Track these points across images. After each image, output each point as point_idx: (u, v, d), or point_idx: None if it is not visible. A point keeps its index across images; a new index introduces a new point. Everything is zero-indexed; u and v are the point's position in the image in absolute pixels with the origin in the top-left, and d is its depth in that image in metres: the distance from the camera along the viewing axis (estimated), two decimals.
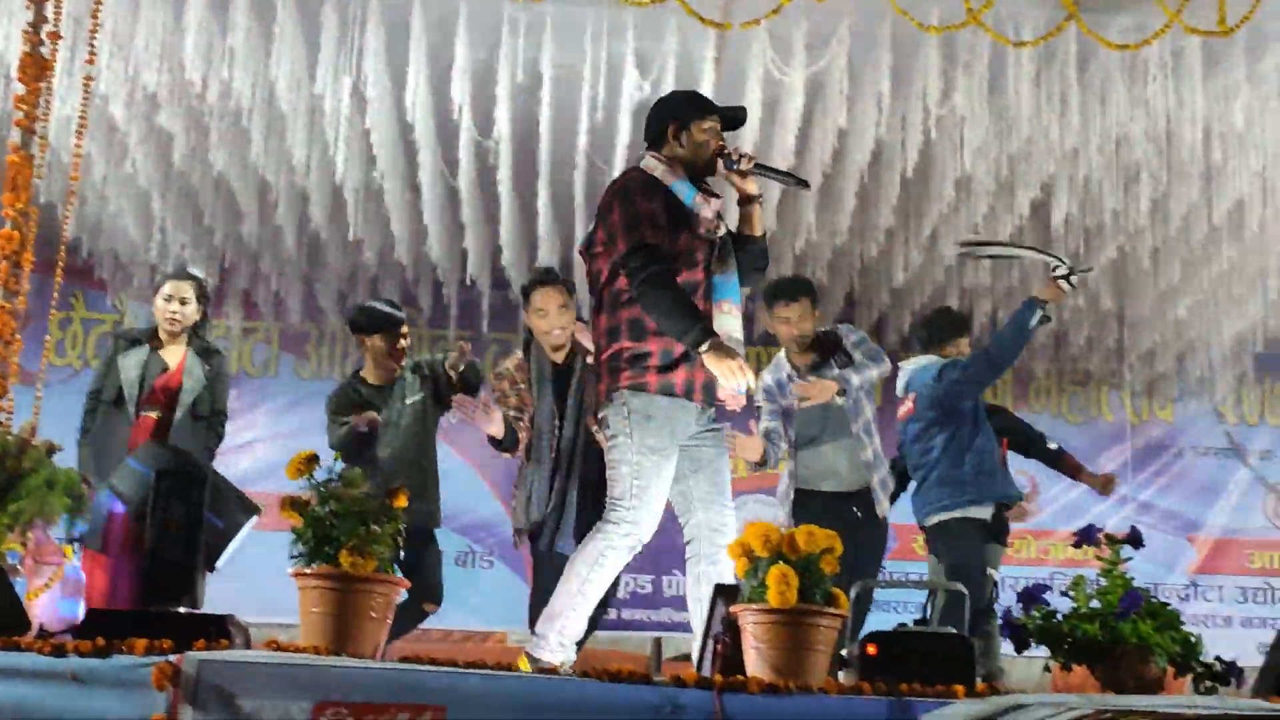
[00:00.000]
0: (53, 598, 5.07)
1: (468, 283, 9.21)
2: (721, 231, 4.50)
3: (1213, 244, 8.02)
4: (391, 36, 6.76)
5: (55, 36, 5.32)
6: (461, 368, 6.09)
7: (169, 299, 6.13)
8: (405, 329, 6.24)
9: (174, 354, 6.13)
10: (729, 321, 4.34)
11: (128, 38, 6.62)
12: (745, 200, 4.53)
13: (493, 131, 7.13)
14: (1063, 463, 6.81)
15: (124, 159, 7.61)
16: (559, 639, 4.37)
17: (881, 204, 7.78)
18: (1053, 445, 6.95)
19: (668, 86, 6.78)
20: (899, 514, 6.39)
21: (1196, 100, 6.73)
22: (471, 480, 10.02)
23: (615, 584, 5.68)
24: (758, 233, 4.55)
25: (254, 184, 8.05)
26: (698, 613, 4.27)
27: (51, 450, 5.03)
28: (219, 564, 3.64)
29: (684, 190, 4.43)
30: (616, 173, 7.49)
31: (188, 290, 6.17)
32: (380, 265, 9.23)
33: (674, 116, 4.55)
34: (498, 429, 5.56)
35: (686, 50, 6.72)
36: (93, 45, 5.61)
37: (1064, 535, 9.48)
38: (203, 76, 6.74)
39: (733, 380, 4.15)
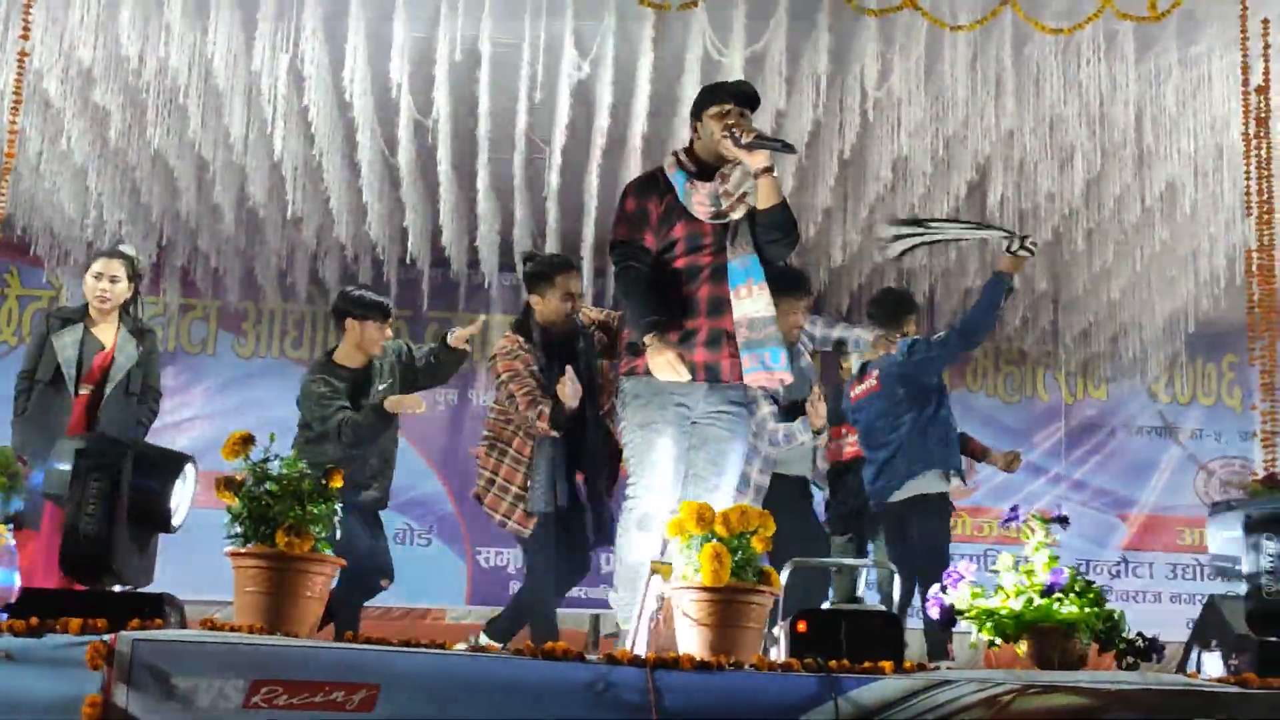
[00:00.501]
0: None
1: (408, 261, 9.17)
2: (737, 214, 4.58)
3: (1145, 225, 8.12)
4: (329, 14, 6.72)
5: None
6: (465, 345, 6.27)
7: (99, 277, 6.09)
8: (392, 321, 6.32)
9: (107, 332, 6.09)
10: (746, 305, 4.48)
11: (62, 12, 6.53)
12: (757, 174, 4.57)
13: (432, 110, 7.11)
14: (968, 447, 6.89)
15: (60, 135, 7.51)
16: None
17: (819, 184, 7.81)
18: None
19: (606, 66, 6.80)
20: None
21: (1129, 83, 6.81)
22: (410, 458, 10.00)
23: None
24: (762, 205, 4.54)
25: (192, 161, 7.97)
26: None
27: None
28: (176, 523, 3.62)
29: (678, 180, 4.63)
30: (557, 152, 7.54)
31: (118, 268, 6.13)
32: (320, 243, 9.18)
33: (692, 113, 4.80)
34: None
35: (625, 30, 6.72)
36: (26, 20, 5.55)
37: (998, 513, 9.61)
38: (139, 53, 6.68)
39: (664, 374, 4.40)
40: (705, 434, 4.58)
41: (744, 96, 4.70)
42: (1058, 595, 3.52)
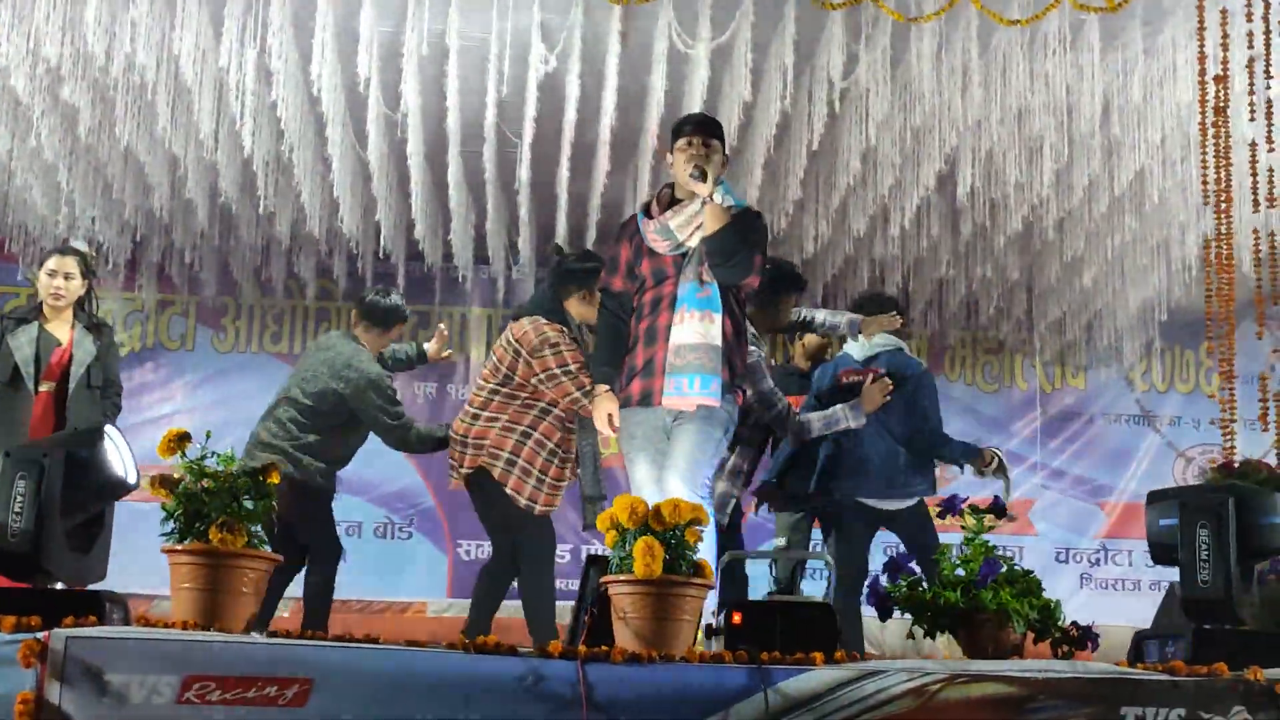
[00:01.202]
0: None
1: (382, 255, 9.20)
2: (694, 242, 4.74)
3: (1115, 214, 8.16)
4: (297, 8, 6.72)
5: None
6: (446, 353, 6.68)
7: (52, 274, 6.12)
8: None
9: (62, 329, 6.12)
10: (675, 333, 4.65)
11: (28, 9, 6.54)
12: (704, 203, 4.76)
13: (400, 104, 7.12)
14: None
15: (29, 132, 7.52)
16: None
17: (789, 176, 7.83)
18: None
19: (573, 60, 6.81)
20: None
21: (1095, 74, 6.83)
22: (388, 452, 10.00)
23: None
24: (705, 232, 4.69)
25: (163, 157, 7.98)
26: None
27: None
28: (131, 481, 3.65)
29: (640, 217, 4.90)
30: (526, 146, 7.56)
31: (71, 265, 6.17)
32: (294, 238, 9.19)
33: (668, 148, 4.99)
34: None
35: (592, 23, 6.73)
36: None
37: (980, 502, 9.64)
38: (105, 49, 6.68)
39: (599, 424, 4.81)
40: (669, 448, 4.73)
41: (701, 126, 4.90)
42: (992, 585, 3.55)
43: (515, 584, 5.95)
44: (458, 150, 7.83)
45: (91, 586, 3.59)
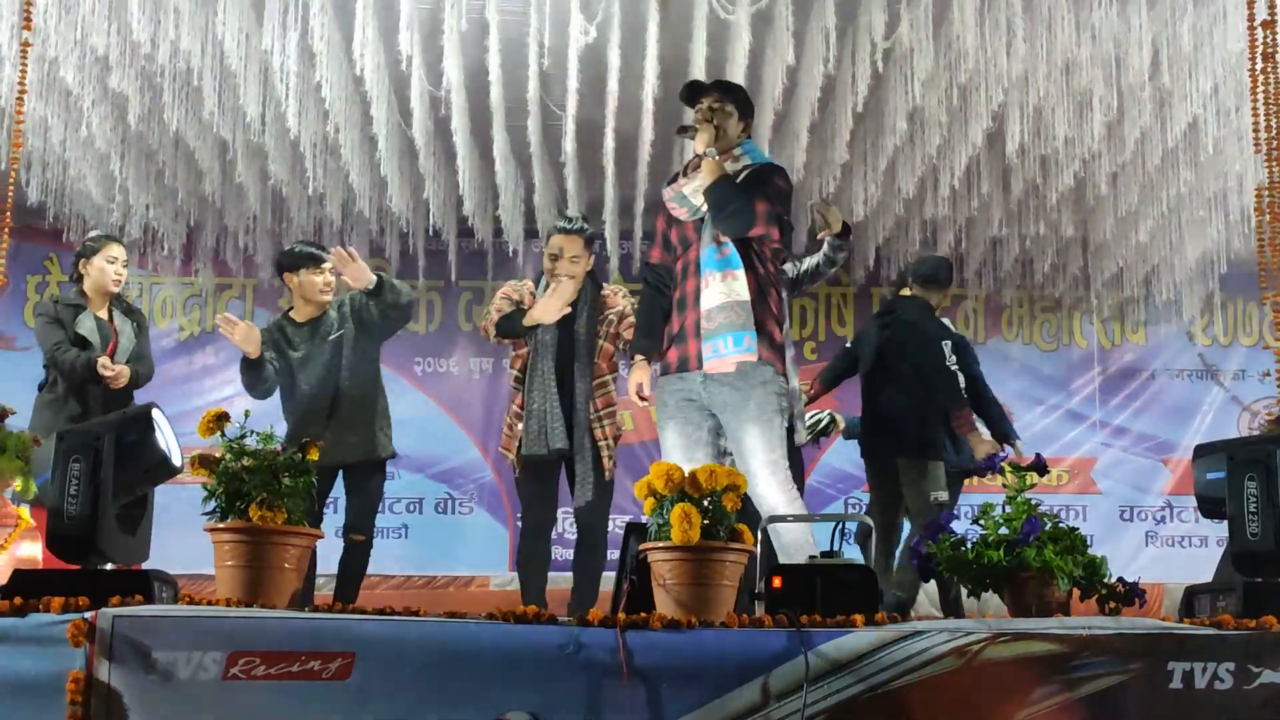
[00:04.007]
0: (11, 555, 5.19)
1: (432, 232, 9.24)
2: (699, 202, 4.73)
3: (1169, 166, 8.00)
4: None
5: None
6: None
7: (113, 261, 6.20)
8: (327, 266, 6.15)
9: (105, 315, 6.22)
10: (704, 298, 4.63)
11: (74, 1, 6.62)
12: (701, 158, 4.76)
13: (443, 81, 7.14)
14: None
15: (81, 122, 7.62)
16: None
17: (835, 139, 7.78)
18: None
19: (613, 30, 6.79)
20: None
21: (1143, 23, 6.72)
22: (448, 428, 10.14)
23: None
24: (704, 187, 4.66)
25: (212, 142, 8.07)
26: None
27: (3, 414, 5.14)
28: (176, 463, 3.69)
29: (665, 187, 4.91)
30: (570, 118, 7.55)
31: (124, 252, 6.29)
32: (344, 218, 9.26)
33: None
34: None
35: None
36: (28, 10, 5.63)
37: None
38: (151, 37, 6.75)
39: (630, 395, 4.87)
40: (720, 417, 4.70)
41: (710, 88, 4.90)
42: (1035, 542, 3.52)
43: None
44: (503, 124, 7.84)
45: (138, 566, 3.65)
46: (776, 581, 3.44)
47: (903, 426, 6.55)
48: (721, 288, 4.58)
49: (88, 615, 3.10)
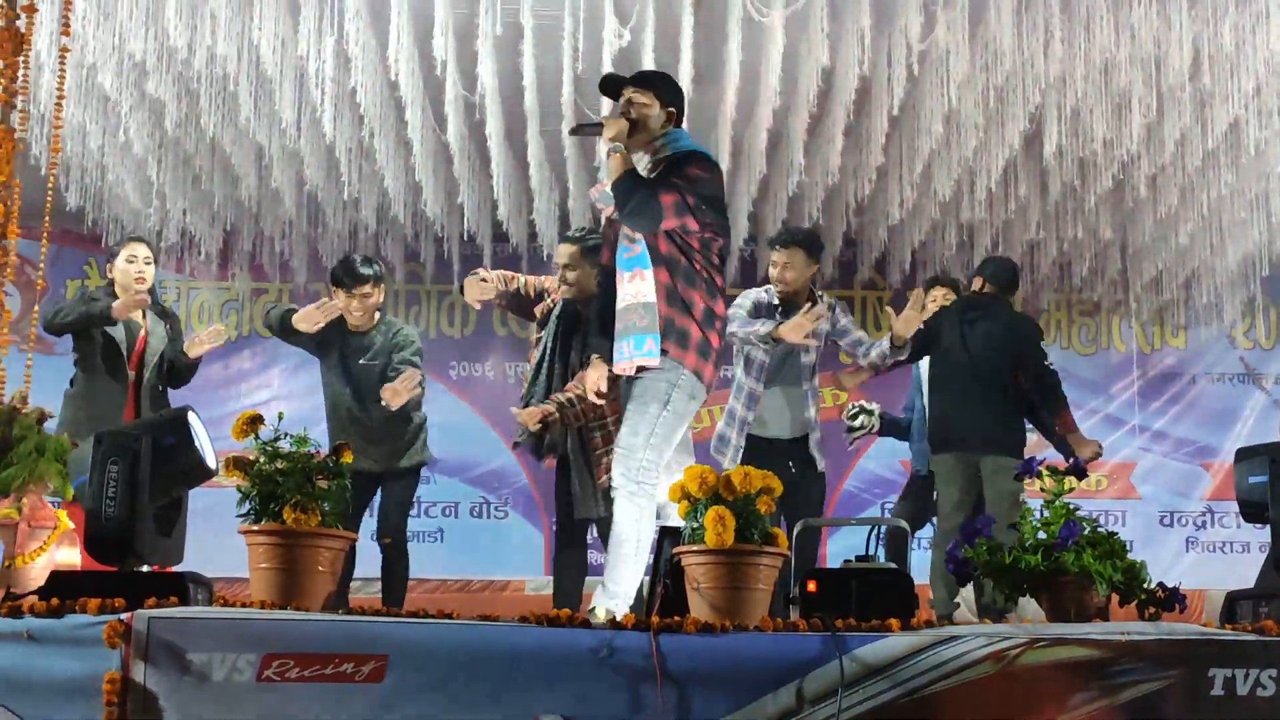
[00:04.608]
0: (50, 557, 5.21)
1: (467, 237, 9.26)
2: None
3: (1210, 168, 7.93)
4: None
5: (30, 10, 5.39)
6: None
7: (132, 260, 6.21)
8: (366, 289, 6.17)
9: (137, 317, 6.23)
10: (626, 290, 4.47)
11: (112, 6, 6.67)
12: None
13: (478, 86, 7.16)
14: None
15: (119, 128, 7.68)
16: None
17: (871, 142, 7.76)
18: None
19: (647, 34, 6.78)
20: None
21: (1183, 23, 6.66)
22: (483, 432, 10.14)
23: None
24: (611, 179, 4.49)
25: (248, 147, 8.12)
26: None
27: (42, 418, 5.16)
28: (212, 465, 3.71)
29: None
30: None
31: (147, 251, 6.30)
32: (379, 223, 9.29)
33: None
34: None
35: None
36: (67, 17, 5.66)
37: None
38: (188, 42, 6.80)
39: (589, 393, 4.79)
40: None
41: (629, 80, 4.67)
42: (1073, 547, 3.48)
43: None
44: (537, 129, 7.85)
45: (173, 568, 3.66)
46: (811, 585, 3.42)
47: (996, 423, 6.42)
48: (629, 288, 4.44)
49: (124, 617, 3.11)
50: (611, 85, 4.67)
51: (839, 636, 3.17)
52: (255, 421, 3.46)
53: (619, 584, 4.24)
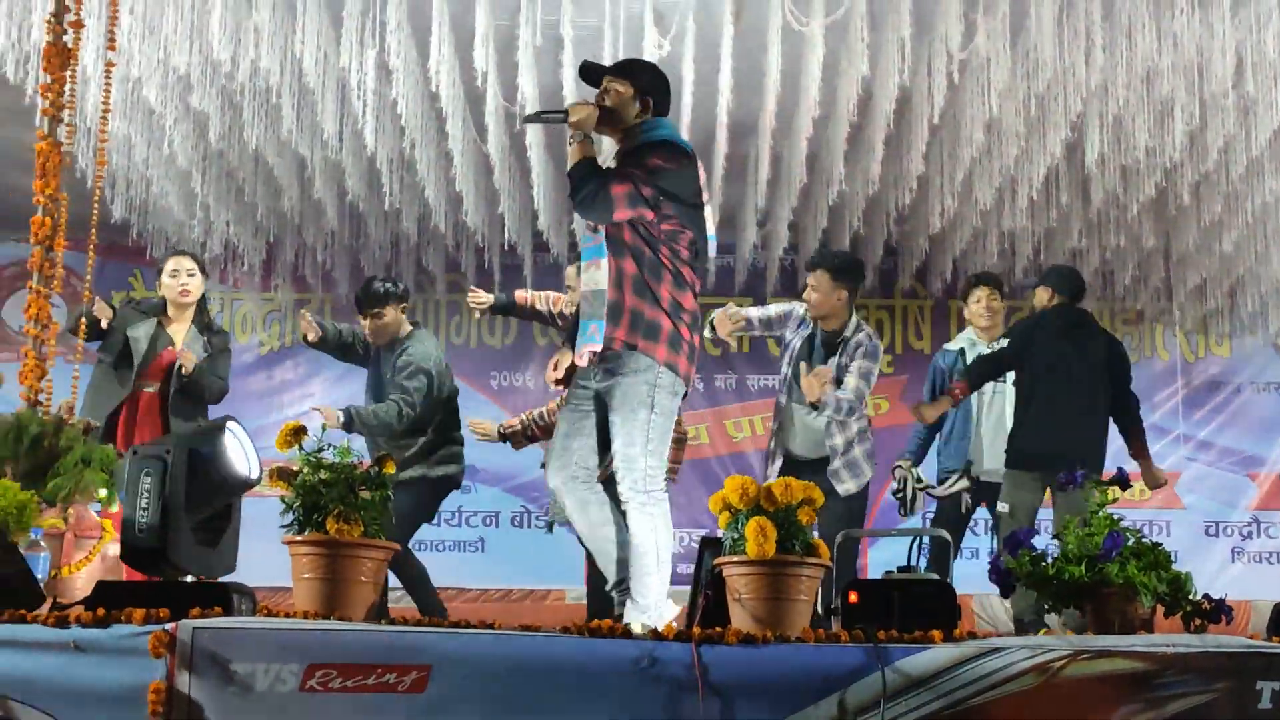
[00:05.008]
0: (95, 568, 5.26)
1: (507, 247, 9.29)
2: None
3: (1254, 175, 7.87)
4: (413, 6, 6.83)
5: (78, 25, 5.46)
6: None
7: (175, 274, 6.29)
8: (377, 309, 6.47)
9: (179, 332, 6.28)
10: (585, 279, 4.48)
11: (157, 21, 6.74)
12: None
13: (518, 96, 7.18)
14: None
15: (163, 140, 7.76)
16: None
17: (911, 151, 7.74)
18: None
19: (688, 44, 6.79)
20: None
21: (1227, 31, 6.60)
22: None
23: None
24: (568, 166, 4.48)
25: (290, 159, 8.18)
26: None
27: (88, 429, 5.22)
28: (254, 476, 3.73)
29: None
30: None
31: (191, 264, 6.38)
32: (421, 233, 9.34)
33: None
34: None
35: (705, 5, 6.72)
36: (113, 32, 5.73)
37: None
38: (231, 56, 6.86)
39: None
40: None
41: (591, 73, 4.67)
42: (1117, 558, 3.45)
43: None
44: None
45: (223, 578, 3.69)
46: (853, 596, 3.41)
47: (1091, 447, 6.27)
48: (587, 276, 4.42)
49: (168, 626, 3.14)
50: (592, 73, 4.64)
51: (881, 648, 3.16)
52: (299, 432, 3.49)
53: (647, 596, 4.23)
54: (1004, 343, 6.62)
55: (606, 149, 4.79)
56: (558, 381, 4.67)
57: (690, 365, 4.43)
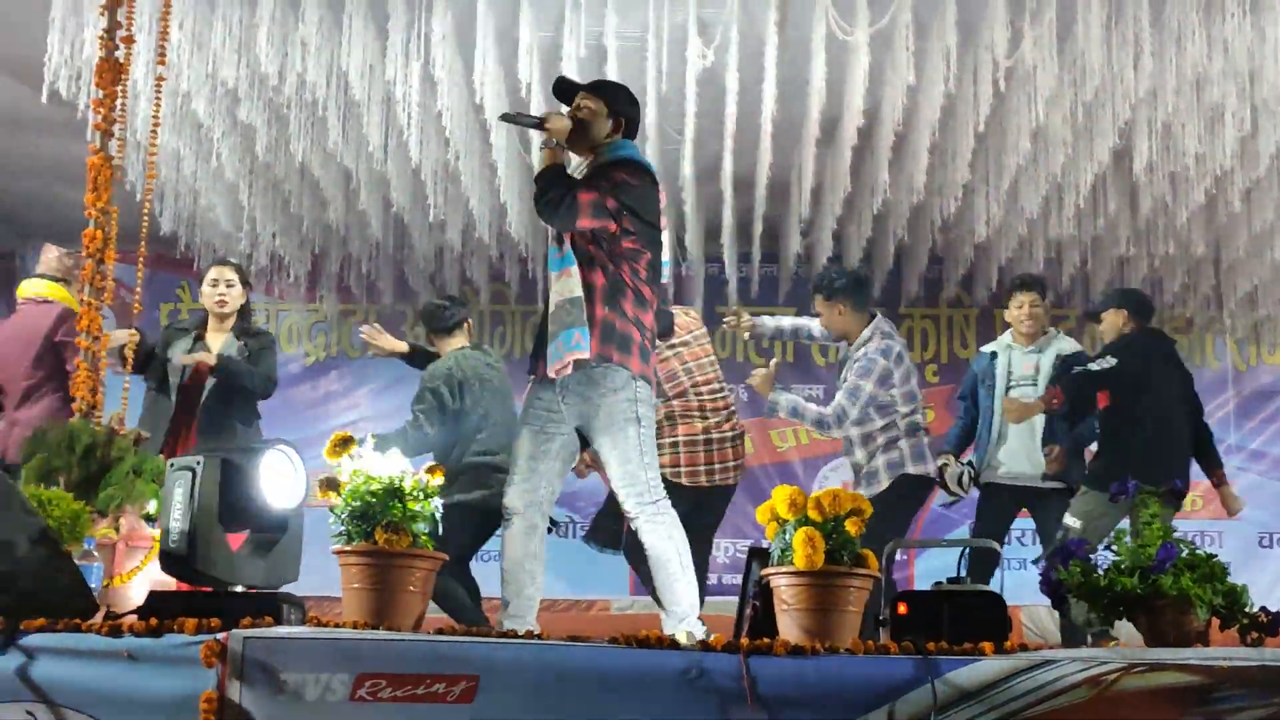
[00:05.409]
0: (147, 578, 5.31)
1: None
2: None
3: None
4: (458, 19, 6.86)
5: (129, 41, 5.53)
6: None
7: (214, 284, 6.34)
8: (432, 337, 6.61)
9: (217, 341, 6.31)
10: (555, 291, 4.42)
11: (206, 35, 6.81)
12: None
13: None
14: None
15: (211, 153, 7.83)
16: None
17: (956, 159, 7.69)
18: None
19: (732, 53, 6.79)
20: None
21: (1278, 34, 6.54)
22: None
23: None
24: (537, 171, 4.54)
25: (336, 171, 8.24)
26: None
27: (139, 439, 5.27)
28: (278, 506, 3.71)
29: None
30: (688, 141, 7.56)
31: (230, 274, 6.40)
32: (465, 244, 9.37)
33: None
34: None
35: (749, 14, 6.71)
36: (163, 47, 5.79)
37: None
38: (278, 69, 6.92)
39: None
40: (581, 429, 4.55)
41: (558, 92, 4.71)
42: (1171, 570, 3.41)
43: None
44: None
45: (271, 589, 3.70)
46: (902, 608, 3.39)
47: (1178, 470, 6.22)
48: (556, 287, 4.38)
49: (220, 636, 3.16)
50: (566, 89, 4.67)
51: (931, 660, 3.14)
52: (347, 442, 3.50)
53: (679, 603, 4.29)
54: (1109, 360, 6.48)
55: (573, 165, 4.78)
56: None
57: (654, 379, 4.52)
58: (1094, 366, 6.47)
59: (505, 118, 4.86)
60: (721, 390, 6.38)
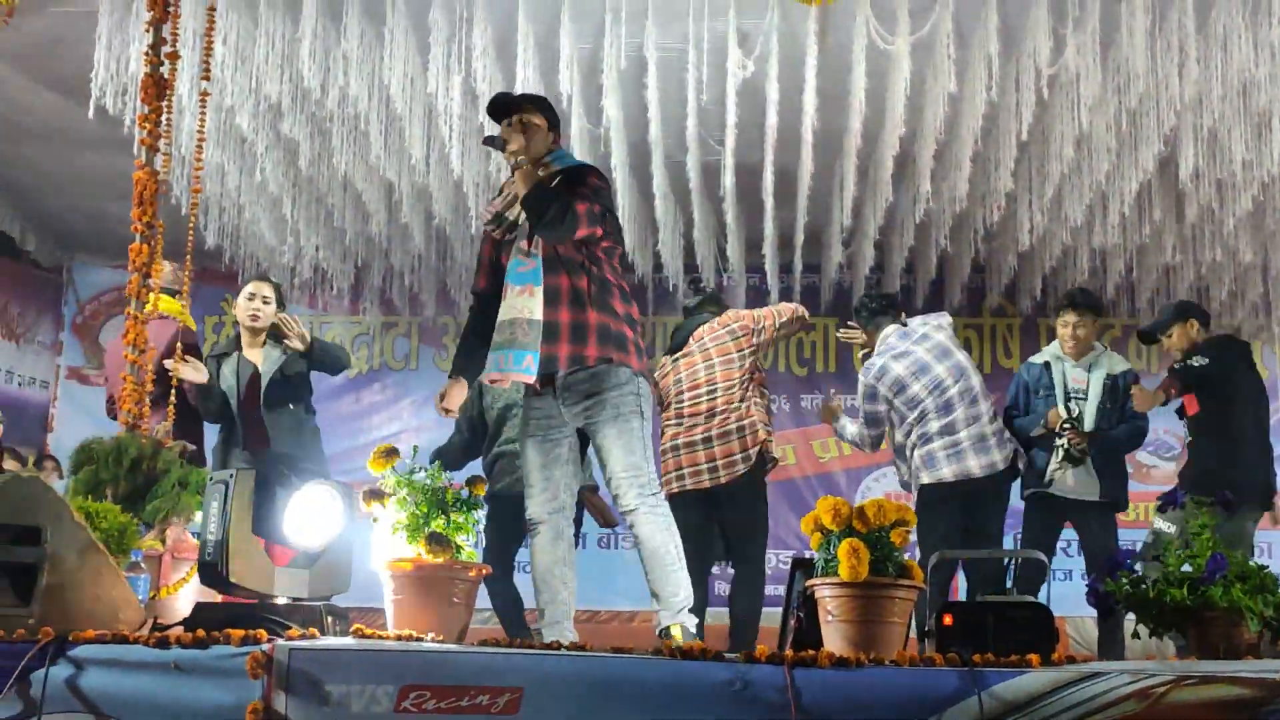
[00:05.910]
0: (193, 589, 5.34)
1: None
2: (512, 214, 4.53)
3: None
4: (499, 32, 6.88)
5: (174, 57, 5.58)
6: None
7: (251, 298, 6.32)
8: None
9: (256, 355, 6.31)
10: (503, 309, 4.40)
11: (249, 50, 6.87)
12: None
13: (602, 118, 7.22)
14: None
15: (255, 167, 7.89)
16: None
17: (999, 168, 7.65)
18: None
19: (772, 63, 6.78)
20: None
21: None
22: None
23: None
24: (520, 195, 4.43)
25: (378, 184, 8.28)
26: None
27: (184, 452, 5.30)
28: (296, 538, 3.75)
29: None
30: (729, 152, 7.55)
31: (268, 290, 6.37)
32: None
33: None
34: None
35: (789, 25, 6.71)
36: (207, 63, 5.84)
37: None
38: (321, 84, 6.97)
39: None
40: (584, 424, 4.56)
41: (500, 108, 4.62)
42: (1221, 581, 3.37)
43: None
44: (661, 160, 7.89)
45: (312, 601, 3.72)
46: (947, 619, 3.36)
47: (1264, 478, 6.27)
48: (516, 302, 4.36)
49: (265, 647, 3.16)
50: (500, 108, 4.62)
51: (977, 672, 3.10)
52: (391, 454, 3.51)
53: (675, 594, 4.36)
54: (1203, 359, 6.37)
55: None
56: (448, 411, 4.62)
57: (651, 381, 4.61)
58: (1194, 363, 6.38)
59: (487, 142, 4.78)
60: (712, 393, 6.15)
